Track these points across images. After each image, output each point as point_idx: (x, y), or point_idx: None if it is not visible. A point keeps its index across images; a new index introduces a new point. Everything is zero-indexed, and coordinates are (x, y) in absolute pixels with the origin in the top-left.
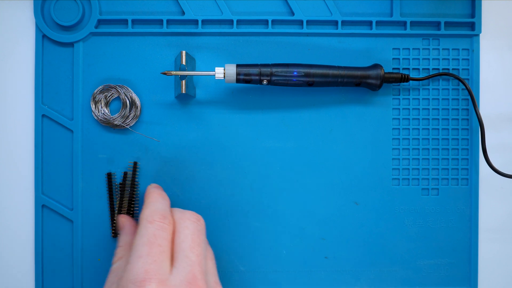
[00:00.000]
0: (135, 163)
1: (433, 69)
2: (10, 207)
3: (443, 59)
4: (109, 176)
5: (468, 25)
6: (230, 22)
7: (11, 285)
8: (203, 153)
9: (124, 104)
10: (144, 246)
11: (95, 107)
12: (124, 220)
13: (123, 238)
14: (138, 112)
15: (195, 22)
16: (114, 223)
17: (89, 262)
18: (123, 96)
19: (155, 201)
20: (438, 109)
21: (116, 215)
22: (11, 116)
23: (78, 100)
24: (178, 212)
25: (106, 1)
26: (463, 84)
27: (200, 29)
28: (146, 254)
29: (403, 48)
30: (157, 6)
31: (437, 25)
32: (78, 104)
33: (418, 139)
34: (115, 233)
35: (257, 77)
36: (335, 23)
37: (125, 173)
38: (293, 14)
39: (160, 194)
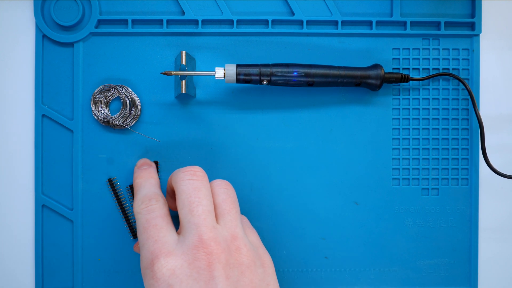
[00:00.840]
0: (156, 162)
1: (433, 69)
2: (10, 207)
3: (443, 59)
4: (111, 181)
5: (468, 25)
6: (230, 22)
7: (11, 285)
8: (203, 153)
9: (124, 104)
10: (142, 234)
11: (95, 107)
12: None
13: None
14: (138, 112)
15: (195, 22)
16: (131, 224)
17: (89, 262)
18: (123, 96)
19: (137, 190)
20: (438, 109)
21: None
22: (11, 116)
23: (78, 100)
24: (173, 177)
25: (106, 1)
26: (463, 84)
27: (200, 29)
28: (146, 239)
29: (403, 48)
30: (157, 6)
31: (437, 25)
32: (78, 104)
33: (418, 139)
34: (134, 234)
35: (257, 77)
36: (335, 23)
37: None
38: (293, 14)
39: (142, 177)
